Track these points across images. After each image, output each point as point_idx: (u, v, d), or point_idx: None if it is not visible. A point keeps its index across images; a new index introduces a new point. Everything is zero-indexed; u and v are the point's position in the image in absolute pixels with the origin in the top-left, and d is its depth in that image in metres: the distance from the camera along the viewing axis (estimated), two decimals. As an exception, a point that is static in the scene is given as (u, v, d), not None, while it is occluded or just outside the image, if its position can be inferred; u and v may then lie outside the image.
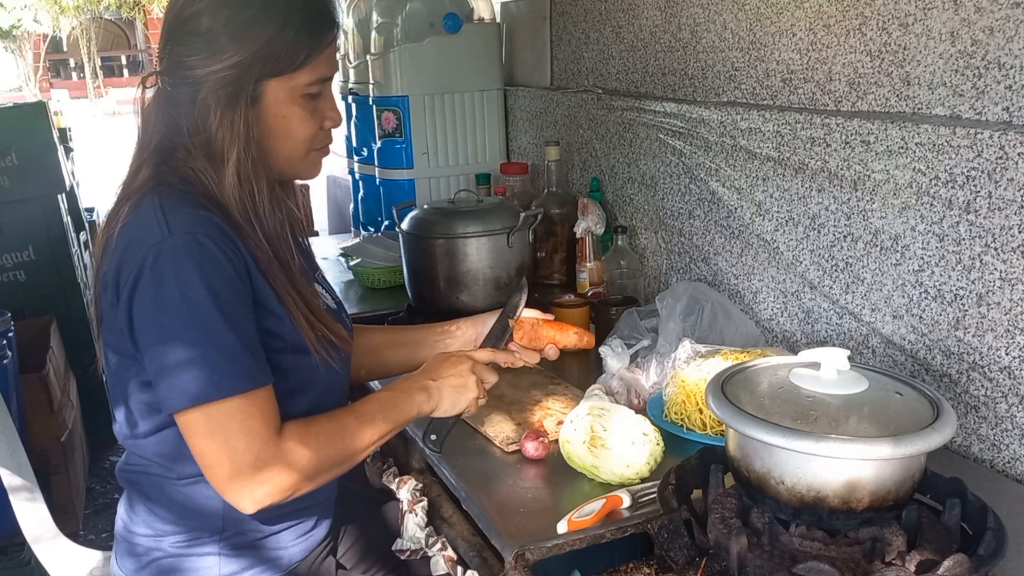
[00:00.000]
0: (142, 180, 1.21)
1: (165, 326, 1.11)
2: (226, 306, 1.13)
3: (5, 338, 2.68)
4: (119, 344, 1.20)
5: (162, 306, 1.11)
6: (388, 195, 2.88)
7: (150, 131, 1.23)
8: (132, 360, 1.19)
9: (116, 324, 1.18)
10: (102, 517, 3.15)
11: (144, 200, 1.17)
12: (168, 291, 1.11)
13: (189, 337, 1.11)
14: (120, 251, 1.15)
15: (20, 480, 1.70)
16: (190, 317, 1.11)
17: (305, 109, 1.24)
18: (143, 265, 1.12)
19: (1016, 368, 1.35)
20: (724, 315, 1.84)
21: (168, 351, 1.11)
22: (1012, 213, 1.31)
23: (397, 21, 2.84)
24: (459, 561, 1.36)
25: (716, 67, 1.95)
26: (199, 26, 1.18)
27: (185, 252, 1.12)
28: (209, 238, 1.14)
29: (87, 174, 5.02)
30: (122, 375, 1.22)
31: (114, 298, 1.17)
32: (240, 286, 1.16)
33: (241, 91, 1.18)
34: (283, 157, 1.26)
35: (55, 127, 3.49)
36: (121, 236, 1.16)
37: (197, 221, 1.15)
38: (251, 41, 1.17)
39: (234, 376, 1.12)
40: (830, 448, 0.99)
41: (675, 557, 1.07)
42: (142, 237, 1.14)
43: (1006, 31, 1.31)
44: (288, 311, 1.22)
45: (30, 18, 18.73)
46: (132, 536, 1.31)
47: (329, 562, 1.41)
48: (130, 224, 1.16)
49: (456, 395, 1.33)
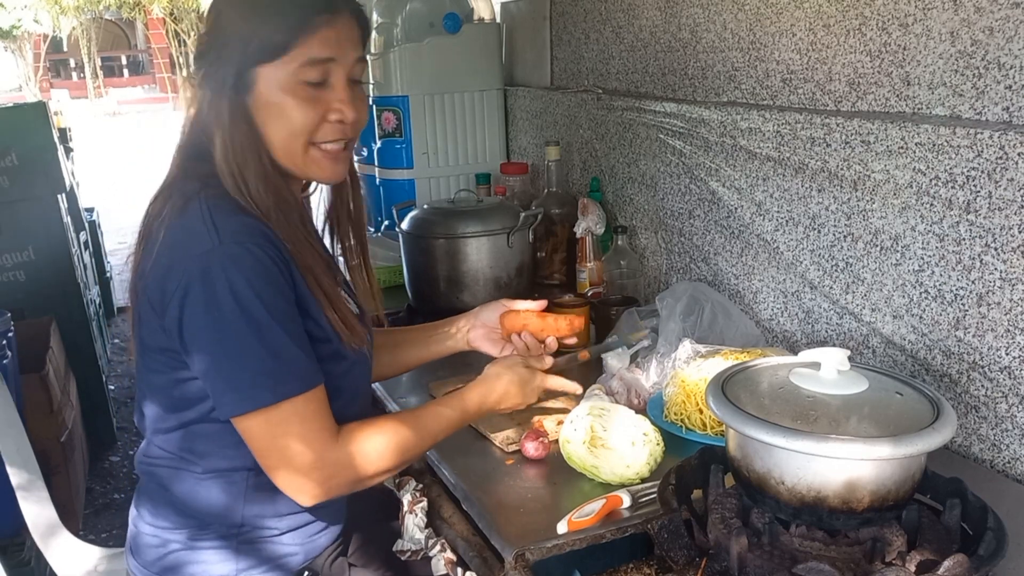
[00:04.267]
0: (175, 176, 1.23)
1: (219, 334, 1.13)
2: (277, 312, 1.15)
3: (5, 338, 2.68)
4: (157, 341, 1.21)
5: (215, 314, 1.13)
6: (388, 195, 2.88)
7: (186, 127, 1.26)
8: (170, 357, 1.20)
9: (156, 322, 1.19)
10: (102, 517, 3.15)
11: (191, 204, 1.17)
12: (221, 299, 1.12)
13: (243, 344, 1.13)
14: (167, 255, 1.16)
15: (27, 476, 1.70)
16: (244, 324, 1.12)
17: (301, 97, 1.21)
18: (194, 273, 1.13)
19: (1016, 368, 1.35)
20: (724, 315, 1.84)
21: (223, 358, 1.14)
22: (1012, 213, 1.31)
23: (397, 21, 2.84)
24: (459, 562, 1.36)
25: (716, 67, 1.95)
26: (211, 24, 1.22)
27: (236, 261, 1.13)
28: (258, 246, 1.15)
29: (87, 174, 5.03)
30: (156, 370, 1.23)
31: (157, 298, 1.17)
32: (288, 291, 1.18)
33: (229, 78, 1.19)
34: (280, 148, 1.23)
35: (55, 127, 3.49)
36: (168, 238, 1.17)
37: (245, 228, 1.16)
38: (239, 26, 1.19)
39: (290, 380, 1.15)
40: (830, 448, 0.99)
41: (675, 557, 1.07)
42: (191, 243, 1.15)
43: (1006, 31, 1.31)
44: (326, 315, 1.24)
45: (30, 18, 18.72)
46: (146, 527, 1.32)
47: (340, 562, 1.41)
48: (177, 228, 1.17)
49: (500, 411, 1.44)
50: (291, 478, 1.18)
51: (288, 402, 1.15)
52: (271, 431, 1.16)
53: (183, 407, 1.23)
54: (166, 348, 1.20)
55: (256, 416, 1.15)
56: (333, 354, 1.25)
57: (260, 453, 1.18)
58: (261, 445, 1.18)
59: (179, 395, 1.23)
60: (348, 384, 1.29)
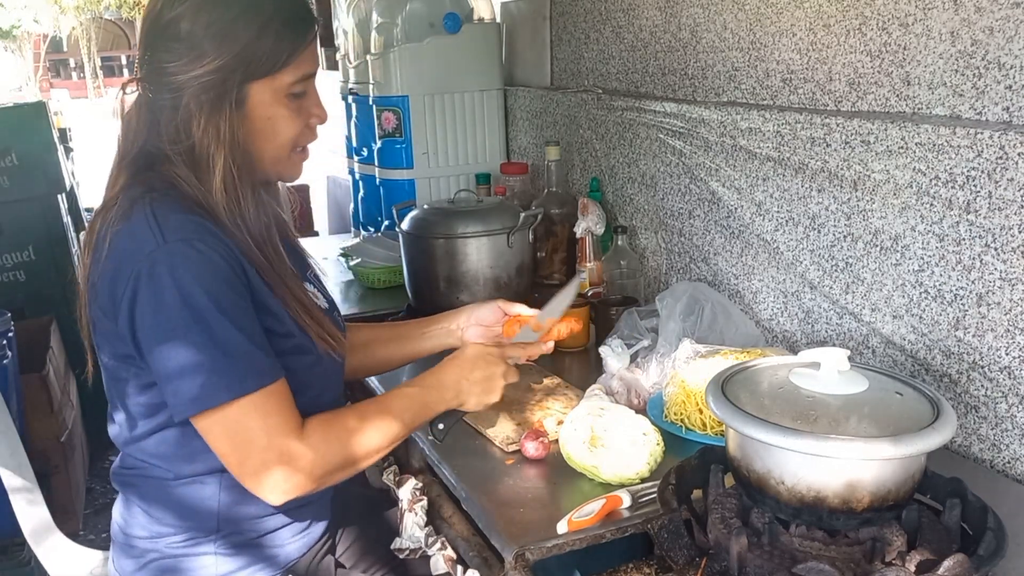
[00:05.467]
0: (123, 185, 1.20)
1: (169, 334, 1.12)
2: (228, 308, 1.13)
3: (5, 338, 2.68)
4: (115, 348, 1.20)
5: (164, 314, 1.12)
6: (388, 195, 2.88)
7: (131, 137, 1.23)
8: (130, 363, 1.19)
9: (111, 329, 1.18)
10: (102, 517, 3.15)
11: (135, 207, 1.16)
12: (169, 299, 1.11)
13: (195, 342, 1.11)
14: (114, 259, 1.15)
15: (20, 480, 1.70)
16: (194, 323, 1.11)
17: (290, 108, 1.23)
18: (141, 274, 1.12)
19: (1016, 368, 1.35)
20: (724, 315, 1.84)
21: (176, 358, 1.12)
22: (1012, 213, 1.31)
23: (397, 21, 2.84)
24: (459, 561, 1.36)
25: (716, 67, 1.95)
26: (179, 31, 1.17)
27: (182, 259, 1.12)
28: (203, 242, 1.14)
29: (87, 174, 5.02)
30: (120, 378, 1.23)
31: (108, 305, 1.17)
32: (240, 286, 1.17)
33: (225, 96, 1.17)
34: (269, 158, 1.25)
35: (55, 127, 3.49)
36: (114, 244, 1.16)
37: (190, 226, 1.15)
38: (232, 44, 1.16)
39: (246, 376, 1.13)
40: (830, 448, 0.99)
41: (675, 557, 1.06)
42: (136, 246, 1.13)
43: (1006, 31, 1.31)
44: (287, 308, 1.23)
45: (30, 18, 18.72)
46: (129, 539, 1.31)
47: (328, 561, 1.41)
48: (122, 232, 1.15)
49: (483, 395, 1.35)
50: (257, 477, 1.15)
51: (245, 399, 1.13)
52: (230, 429, 1.14)
53: (150, 413, 1.22)
54: (125, 355, 1.19)
55: (213, 415, 1.13)
56: (296, 348, 1.24)
57: (222, 453, 1.16)
58: (221, 445, 1.16)
59: (144, 401, 1.21)
60: (316, 378, 1.28)
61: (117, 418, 1.28)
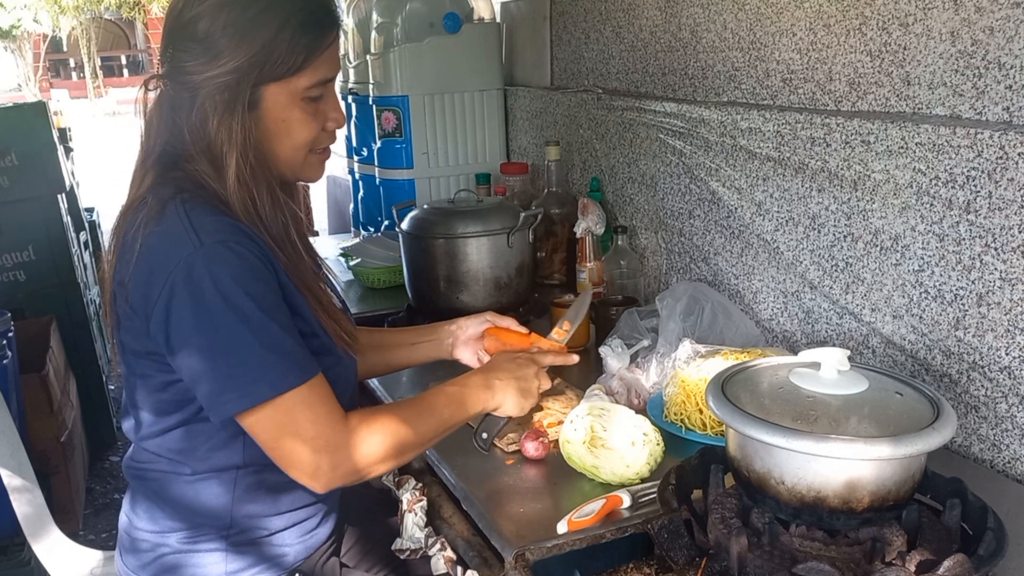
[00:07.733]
0: (150, 185, 1.21)
1: (211, 334, 1.13)
2: (267, 306, 1.15)
3: (5, 338, 2.68)
4: (141, 345, 1.20)
5: (204, 315, 1.12)
6: (388, 195, 2.88)
7: (153, 135, 1.23)
8: (154, 360, 1.20)
9: (139, 327, 1.18)
10: (102, 517, 3.15)
11: (167, 208, 1.16)
12: (209, 299, 1.12)
13: (237, 341, 1.13)
14: (148, 261, 1.15)
15: (20, 480, 1.70)
16: (235, 321, 1.12)
17: (306, 112, 1.24)
18: (178, 276, 1.12)
19: (1016, 368, 1.35)
20: (724, 315, 1.84)
21: (218, 358, 1.13)
22: (1012, 213, 1.31)
23: (397, 21, 2.84)
24: (459, 561, 1.35)
25: (716, 67, 1.95)
26: (197, 31, 1.17)
27: (220, 260, 1.13)
28: (239, 244, 1.15)
29: (87, 174, 5.02)
30: (143, 375, 1.23)
31: (140, 305, 1.17)
32: (275, 285, 1.18)
33: (239, 97, 1.17)
34: (283, 160, 1.26)
35: (55, 127, 3.49)
36: (147, 244, 1.16)
37: (226, 228, 1.16)
38: (248, 46, 1.17)
39: (290, 371, 1.15)
40: (830, 448, 0.99)
41: (675, 557, 1.06)
42: (172, 248, 1.14)
43: (1006, 31, 1.31)
44: (312, 310, 1.24)
45: (30, 18, 18.71)
46: (136, 532, 1.32)
47: (333, 562, 1.41)
48: (156, 234, 1.16)
49: (520, 398, 1.38)
50: (304, 467, 1.17)
51: (291, 392, 1.15)
52: (279, 422, 1.16)
53: (172, 409, 1.23)
54: (151, 352, 1.20)
55: (261, 411, 1.15)
56: (320, 349, 1.25)
57: (269, 447, 1.18)
58: (269, 438, 1.17)
59: (168, 398, 1.22)
60: (337, 379, 1.28)
61: (134, 413, 1.29)
